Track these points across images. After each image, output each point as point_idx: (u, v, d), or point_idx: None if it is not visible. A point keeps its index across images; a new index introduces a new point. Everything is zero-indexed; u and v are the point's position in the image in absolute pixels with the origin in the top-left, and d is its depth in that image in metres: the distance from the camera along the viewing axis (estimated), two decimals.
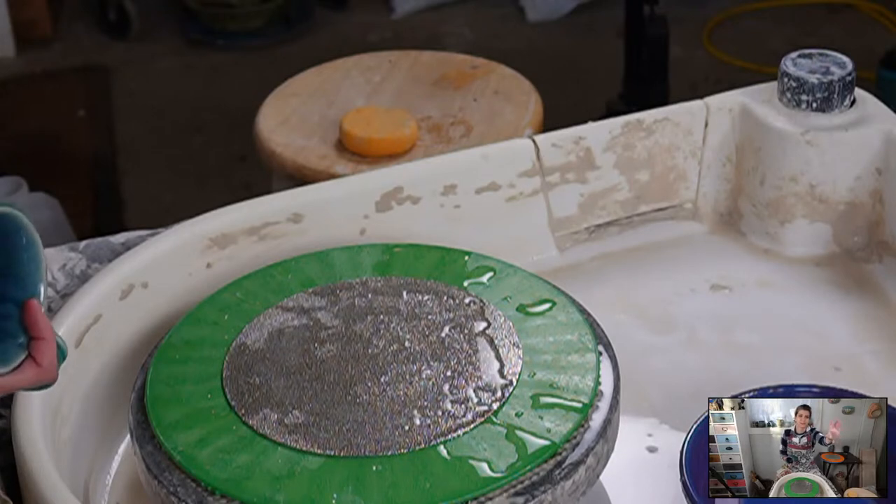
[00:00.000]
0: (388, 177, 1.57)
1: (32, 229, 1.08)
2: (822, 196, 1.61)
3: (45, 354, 1.07)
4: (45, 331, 1.07)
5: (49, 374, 1.08)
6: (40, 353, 1.07)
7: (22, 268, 1.07)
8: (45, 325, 1.07)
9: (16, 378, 1.06)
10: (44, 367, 1.07)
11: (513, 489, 1.16)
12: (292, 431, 1.21)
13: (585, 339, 1.30)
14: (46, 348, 1.07)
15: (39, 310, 1.07)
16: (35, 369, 1.07)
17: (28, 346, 1.07)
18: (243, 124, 2.37)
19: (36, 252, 1.08)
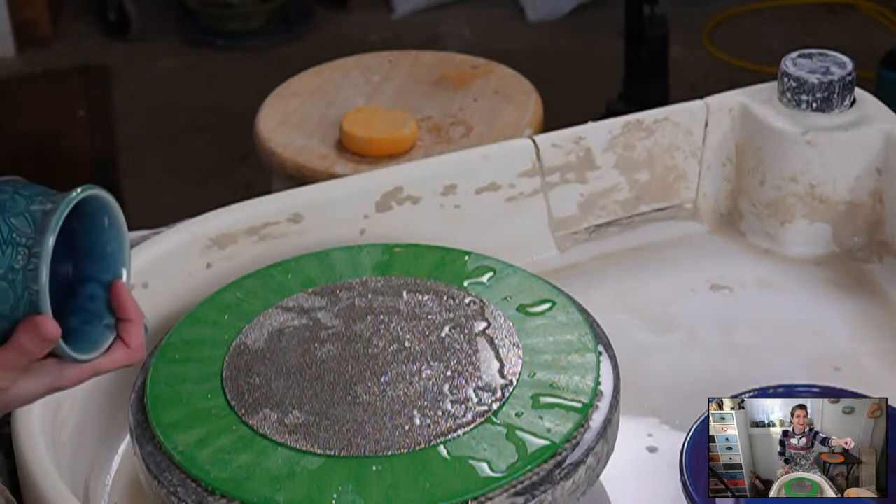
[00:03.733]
0: (388, 177, 1.57)
1: (118, 211, 1.07)
2: (822, 196, 1.61)
3: (134, 336, 1.06)
4: (132, 312, 1.06)
5: (138, 354, 1.07)
6: (129, 335, 1.06)
7: (104, 249, 1.06)
8: (132, 306, 1.06)
9: (106, 360, 1.05)
10: (133, 349, 1.06)
11: (513, 489, 1.16)
12: (292, 431, 1.21)
13: (585, 339, 1.30)
14: (134, 330, 1.06)
15: (126, 291, 1.06)
16: (125, 351, 1.06)
17: (115, 328, 1.06)
18: (243, 124, 2.37)
19: (119, 233, 1.07)
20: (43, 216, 0.99)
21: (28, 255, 0.98)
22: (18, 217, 0.99)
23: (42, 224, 0.99)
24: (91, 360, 1.03)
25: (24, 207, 1.00)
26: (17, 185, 1.02)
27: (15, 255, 0.98)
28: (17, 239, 0.98)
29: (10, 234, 0.98)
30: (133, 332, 1.06)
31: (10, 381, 1.01)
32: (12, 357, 1.00)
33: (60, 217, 0.99)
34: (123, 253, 1.07)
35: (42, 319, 0.99)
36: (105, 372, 1.06)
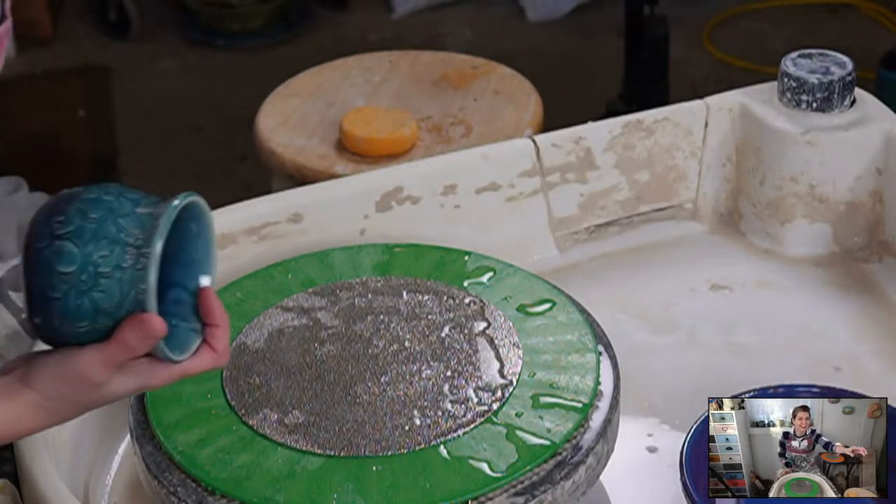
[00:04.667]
0: (388, 177, 1.57)
1: (210, 218, 1.10)
2: (822, 196, 1.61)
3: (220, 340, 1.09)
4: (219, 317, 1.08)
5: (224, 359, 1.09)
6: (215, 339, 1.08)
7: (192, 255, 1.09)
8: (220, 311, 1.09)
9: (194, 363, 1.08)
10: (219, 353, 1.09)
11: (513, 489, 1.16)
12: (292, 431, 1.21)
13: (585, 339, 1.30)
14: (221, 334, 1.09)
15: (215, 297, 1.09)
16: (211, 355, 1.08)
17: (202, 332, 1.08)
18: (243, 124, 2.37)
19: (209, 241, 1.10)
20: (150, 219, 1.03)
21: (137, 255, 1.01)
22: (126, 218, 1.02)
23: (150, 226, 1.02)
24: (185, 360, 1.06)
25: (131, 210, 1.03)
26: (120, 188, 1.05)
27: (123, 254, 1.01)
28: (125, 239, 1.02)
29: (117, 234, 1.02)
30: (220, 336, 1.08)
31: (108, 377, 1.03)
32: (115, 352, 1.02)
33: (169, 220, 1.03)
34: (211, 260, 1.10)
35: (150, 317, 1.02)
36: (191, 374, 1.08)
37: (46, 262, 1.01)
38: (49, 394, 1.04)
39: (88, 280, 1.01)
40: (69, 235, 1.01)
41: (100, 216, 1.02)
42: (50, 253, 1.01)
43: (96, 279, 1.01)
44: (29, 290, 1.03)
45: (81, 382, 1.03)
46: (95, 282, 1.01)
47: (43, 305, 1.02)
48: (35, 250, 1.02)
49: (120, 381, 1.04)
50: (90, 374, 1.03)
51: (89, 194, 1.03)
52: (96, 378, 1.03)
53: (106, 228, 1.02)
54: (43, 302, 1.02)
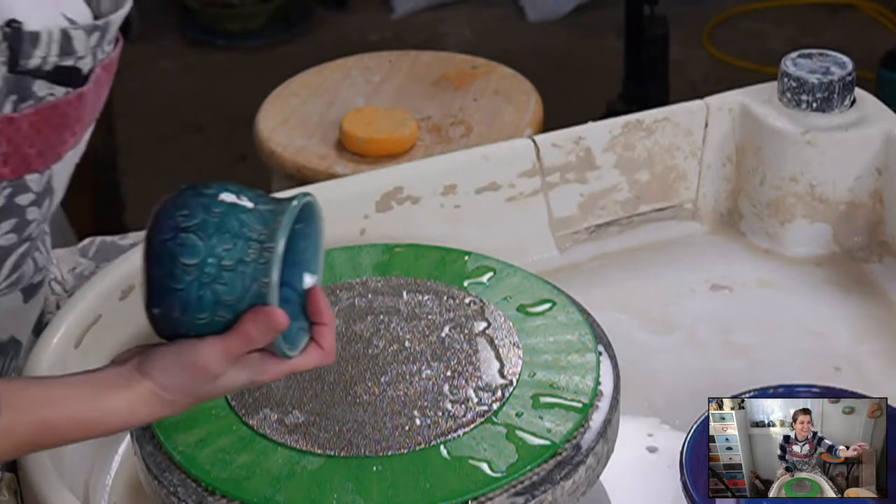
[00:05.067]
0: (388, 177, 1.57)
1: (321, 219, 1.11)
2: (822, 196, 1.61)
3: (327, 339, 1.10)
4: (327, 317, 1.10)
5: (330, 357, 1.11)
6: (323, 338, 1.10)
7: (300, 255, 1.11)
8: (328, 311, 1.10)
9: (302, 360, 1.09)
10: (326, 351, 1.10)
11: (513, 489, 1.16)
12: (292, 431, 1.20)
13: (585, 339, 1.30)
14: (328, 333, 1.10)
15: (323, 297, 1.10)
16: (319, 353, 1.10)
17: (310, 330, 1.10)
18: (243, 124, 2.37)
19: (318, 241, 1.12)
20: (272, 216, 1.05)
21: (259, 250, 1.03)
22: (247, 214, 1.04)
23: (273, 222, 1.04)
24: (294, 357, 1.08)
25: (252, 206, 1.05)
26: (240, 186, 1.07)
27: (246, 248, 1.03)
28: (248, 234, 1.04)
29: (240, 229, 1.04)
30: (327, 335, 1.10)
31: (225, 369, 1.05)
32: (236, 344, 1.04)
33: (292, 217, 1.05)
34: (319, 260, 1.12)
35: (273, 310, 1.03)
36: (299, 371, 1.10)
37: (170, 254, 1.03)
38: (165, 384, 1.05)
39: (211, 272, 1.03)
40: (193, 228, 1.03)
41: (223, 211, 1.04)
42: (174, 245, 1.03)
43: (219, 272, 1.03)
44: (149, 282, 1.04)
45: (199, 373, 1.05)
46: (218, 274, 1.03)
47: (163, 296, 1.04)
48: (158, 242, 1.04)
49: (234, 373, 1.06)
50: (209, 365, 1.04)
51: (211, 190, 1.05)
52: (215, 369, 1.04)
53: (229, 223, 1.04)
54: (164, 293, 1.04)
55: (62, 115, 0.99)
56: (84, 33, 0.99)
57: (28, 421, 1.01)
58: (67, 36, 0.97)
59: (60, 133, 1.00)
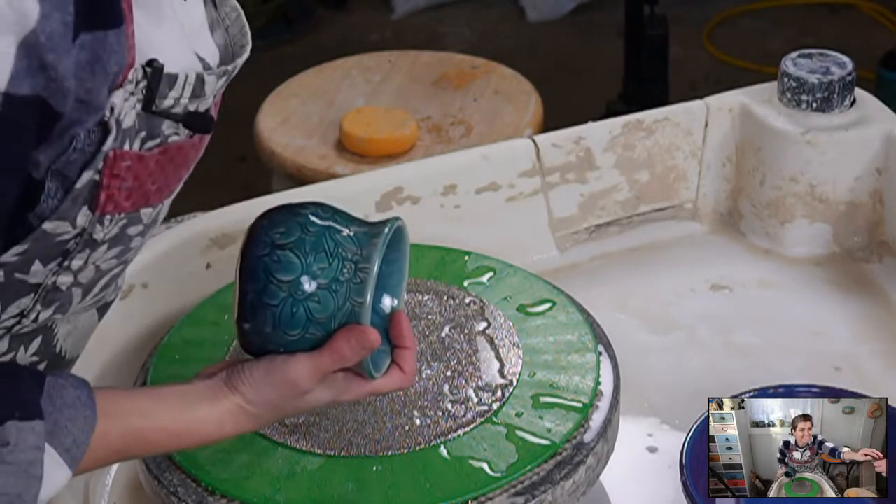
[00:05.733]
0: (388, 177, 1.57)
1: (407, 244, 1.13)
2: (822, 196, 1.61)
3: (409, 362, 1.11)
4: (409, 340, 1.11)
5: (410, 380, 1.12)
6: (404, 361, 1.11)
7: (384, 279, 1.12)
8: (410, 335, 1.11)
9: (383, 382, 1.10)
10: (407, 374, 1.11)
11: (513, 489, 1.16)
12: (292, 431, 1.20)
13: (585, 339, 1.30)
14: (409, 357, 1.11)
15: (406, 321, 1.11)
16: (400, 376, 1.11)
17: (391, 353, 1.11)
18: (243, 124, 2.37)
19: (404, 266, 1.14)
20: (366, 237, 1.07)
21: (354, 270, 1.05)
22: (342, 235, 1.06)
23: (368, 244, 1.06)
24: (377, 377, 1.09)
25: (346, 227, 1.07)
26: (333, 207, 1.09)
27: (341, 268, 1.05)
28: (343, 254, 1.05)
29: (336, 248, 1.05)
30: (409, 358, 1.11)
31: (314, 386, 1.06)
32: (328, 361, 1.05)
33: (387, 240, 1.07)
34: (403, 284, 1.14)
35: (367, 329, 1.05)
36: (380, 394, 1.12)
37: (266, 270, 1.05)
38: (253, 399, 1.06)
39: (306, 290, 1.05)
40: (290, 246, 1.05)
41: (318, 230, 1.06)
42: (270, 261, 1.05)
43: (314, 290, 1.05)
44: (242, 297, 1.06)
45: (289, 389, 1.05)
46: (313, 292, 1.05)
47: (256, 312, 1.05)
48: (254, 257, 1.05)
49: (320, 391, 1.07)
50: (299, 382, 1.05)
51: (307, 210, 1.07)
52: (304, 386, 1.05)
53: (325, 242, 1.05)
54: (256, 308, 1.05)
55: (185, 154, 1.01)
56: (215, 78, 1.01)
57: (121, 429, 1.02)
58: (201, 80, 0.99)
59: (179, 170, 1.02)
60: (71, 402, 0.98)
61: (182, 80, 0.98)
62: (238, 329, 1.07)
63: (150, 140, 0.98)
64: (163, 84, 0.96)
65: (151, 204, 1.01)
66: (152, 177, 1.00)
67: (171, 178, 1.02)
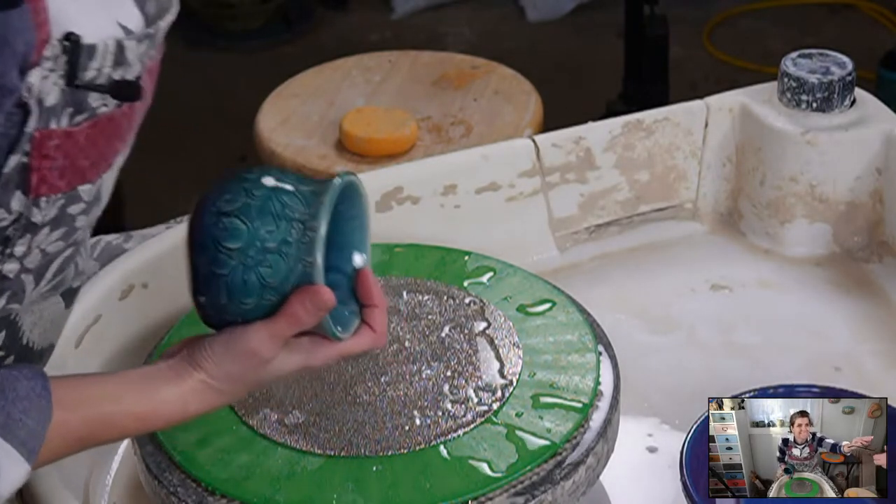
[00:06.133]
0: (388, 177, 1.57)
1: (365, 199, 1.11)
2: (822, 196, 1.61)
3: (378, 321, 1.10)
4: (377, 298, 1.09)
5: (382, 340, 1.10)
6: (374, 320, 1.09)
7: (346, 238, 1.10)
8: (378, 293, 1.09)
9: (353, 343, 1.09)
10: (378, 333, 1.09)
11: (513, 489, 1.16)
12: (292, 431, 1.20)
13: (585, 339, 1.30)
14: (379, 316, 1.10)
15: (373, 278, 1.09)
16: (371, 336, 1.09)
17: (360, 314, 1.09)
18: (243, 124, 2.37)
19: (364, 223, 1.11)
20: (313, 196, 1.04)
21: (302, 230, 1.03)
22: (289, 196, 1.04)
23: (315, 202, 1.04)
24: (345, 339, 1.07)
25: (293, 188, 1.04)
26: (280, 169, 1.07)
27: (289, 229, 1.03)
28: (291, 215, 1.03)
29: (282, 210, 1.03)
30: (378, 317, 1.09)
31: (276, 353, 1.04)
32: (284, 326, 1.03)
33: (334, 195, 1.04)
34: (366, 242, 1.11)
35: (319, 288, 1.03)
36: (351, 355, 1.09)
37: (213, 239, 1.03)
38: (216, 373, 1.05)
39: (255, 255, 1.03)
40: (236, 212, 1.03)
41: (264, 194, 1.04)
42: (217, 230, 1.03)
43: (263, 254, 1.03)
44: (194, 269, 1.04)
45: (250, 359, 1.04)
46: (262, 257, 1.03)
47: (209, 283, 1.04)
48: (201, 228, 1.04)
49: (285, 358, 1.05)
50: (259, 350, 1.04)
51: (252, 174, 1.05)
52: (265, 354, 1.04)
53: (271, 205, 1.03)
54: (209, 279, 1.04)
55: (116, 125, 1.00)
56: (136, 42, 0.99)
57: (83, 417, 1.01)
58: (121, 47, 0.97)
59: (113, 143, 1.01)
60: (24, 393, 0.97)
61: (102, 50, 0.96)
62: (195, 304, 1.06)
63: (78, 115, 0.96)
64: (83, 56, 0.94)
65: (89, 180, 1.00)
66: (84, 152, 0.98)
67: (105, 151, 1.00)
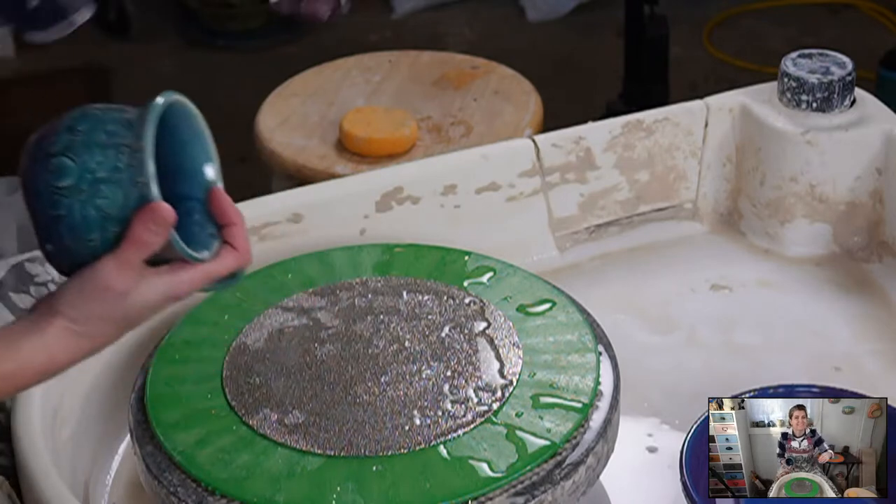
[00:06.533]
0: (388, 177, 1.57)
1: (198, 118, 1.10)
2: (822, 196, 1.61)
3: (239, 238, 1.08)
4: (234, 215, 1.08)
5: (247, 257, 1.08)
6: (234, 238, 1.08)
7: (192, 163, 1.10)
8: (233, 209, 1.08)
9: (217, 265, 1.06)
10: (241, 251, 1.08)
11: (513, 489, 1.16)
12: (292, 431, 1.20)
13: (585, 339, 1.30)
14: (239, 232, 1.08)
15: (226, 197, 1.08)
16: (234, 254, 1.08)
17: (219, 235, 1.08)
18: (243, 124, 2.37)
19: (205, 142, 1.10)
20: (137, 118, 1.03)
21: (131, 153, 1.02)
22: (114, 124, 1.03)
23: (137, 124, 1.03)
24: (204, 261, 1.06)
25: (117, 117, 1.04)
26: (103, 104, 1.06)
27: (117, 155, 1.02)
28: (117, 142, 1.02)
29: (108, 139, 1.02)
30: (238, 234, 1.08)
31: (131, 284, 1.02)
32: (130, 251, 1.02)
33: (155, 111, 1.03)
34: (212, 161, 1.10)
35: (155, 205, 1.01)
36: (217, 277, 1.07)
37: (45, 183, 1.02)
38: (76, 316, 1.02)
39: (89, 189, 1.02)
40: (61, 151, 1.02)
41: (88, 127, 1.03)
42: (46, 172, 1.02)
43: (96, 186, 1.02)
44: (35, 219, 1.03)
45: (105, 294, 1.02)
46: (96, 189, 1.02)
47: (51, 228, 1.03)
48: (32, 175, 1.03)
49: (145, 288, 1.03)
50: (112, 282, 1.02)
51: (74, 112, 1.05)
52: (119, 285, 1.02)
53: (96, 136, 1.03)
54: (50, 225, 1.03)
55: None
56: None
57: None
58: None
59: None
60: None
61: None
62: (45, 256, 1.05)
63: None
64: None
65: None
66: None
67: None
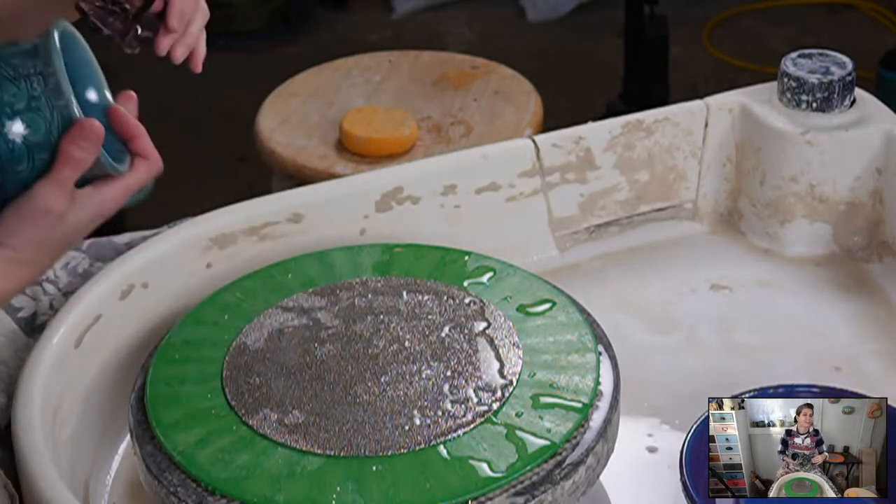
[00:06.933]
0: (388, 177, 1.57)
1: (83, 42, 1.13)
2: (822, 196, 1.61)
3: (145, 147, 1.11)
4: (135, 128, 1.11)
5: (158, 163, 1.12)
6: (142, 148, 1.11)
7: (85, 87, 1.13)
8: (134, 123, 1.11)
9: (132, 178, 1.10)
10: (151, 160, 1.11)
11: (513, 489, 1.16)
12: (292, 431, 1.20)
13: (585, 339, 1.30)
14: (144, 143, 1.11)
15: (123, 112, 1.11)
16: (146, 164, 1.11)
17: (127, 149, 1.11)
18: (243, 124, 2.37)
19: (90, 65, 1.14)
20: (40, 47, 1.06)
21: (43, 79, 1.04)
22: (16, 57, 1.05)
23: (42, 52, 1.05)
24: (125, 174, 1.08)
25: (15, 51, 1.06)
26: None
27: (30, 85, 1.04)
28: (26, 72, 1.05)
29: (16, 71, 1.05)
30: (143, 144, 1.11)
31: (68, 205, 1.05)
32: (64, 170, 1.04)
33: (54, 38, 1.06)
34: (105, 85, 1.14)
35: (84, 121, 1.04)
36: (136, 190, 1.10)
37: None
38: (14, 243, 1.05)
39: (9, 122, 1.04)
40: None
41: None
42: None
43: (16, 118, 1.04)
44: None
45: (42, 217, 1.04)
46: (18, 120, 1.04)
47: None
48: None
49: (78, 210, 1.06)
50: (49, 204, 1.04)
51: None
52: (56, 207, 1.05)
53: (3, 71, 1.04)
54: None
55: None
56: None
57: None
58: None
59: None
60: None
61: None
62: None
63: None
64: None
65: None
66: None
67: None
